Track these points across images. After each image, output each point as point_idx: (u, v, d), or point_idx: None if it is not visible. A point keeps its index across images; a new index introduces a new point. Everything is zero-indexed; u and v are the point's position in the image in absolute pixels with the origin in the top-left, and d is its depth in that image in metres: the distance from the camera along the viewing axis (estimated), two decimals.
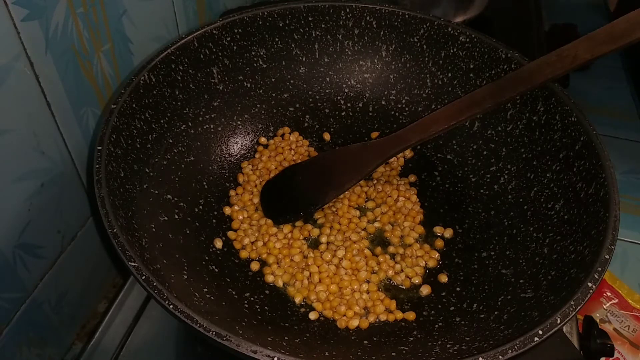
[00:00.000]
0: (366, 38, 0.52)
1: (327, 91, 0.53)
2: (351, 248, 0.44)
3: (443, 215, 0.47)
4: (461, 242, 0.45)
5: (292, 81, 0.52)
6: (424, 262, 0.44)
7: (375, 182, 0.49)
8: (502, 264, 0.41)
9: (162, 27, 0.51)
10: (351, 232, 0.45)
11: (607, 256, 0.33)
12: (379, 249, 0.45)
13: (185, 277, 0.37)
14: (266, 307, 0.39)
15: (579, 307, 0.31)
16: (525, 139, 0.45)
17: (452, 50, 0.49)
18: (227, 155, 0.49)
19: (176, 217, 0.42)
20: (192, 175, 0.45)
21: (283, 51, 0.51)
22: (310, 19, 0.50)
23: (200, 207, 0.45)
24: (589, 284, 0.31)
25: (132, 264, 0.31)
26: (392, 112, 0.52)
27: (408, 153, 0.51)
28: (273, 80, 0.51)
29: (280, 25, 0.50)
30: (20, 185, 0.38)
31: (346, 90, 0.53)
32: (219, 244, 0.43)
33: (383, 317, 0.40)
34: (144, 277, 0.30)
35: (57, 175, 0.42)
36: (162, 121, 0.43)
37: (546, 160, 0.43)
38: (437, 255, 0.44)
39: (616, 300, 0.53)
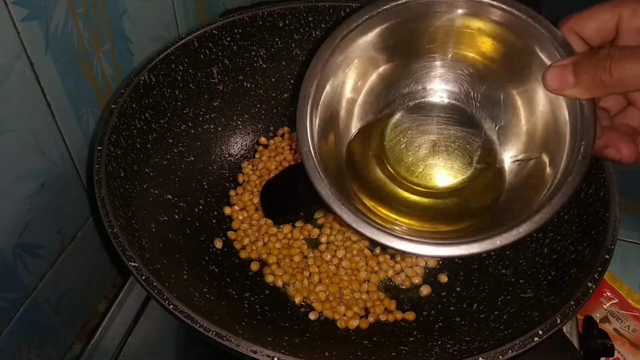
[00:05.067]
0: None
1: None
2: (351, 248, 0.44)
3: None
4: None
5: (292, 81, 0.52)
6: (424, 262, 0.43)
7: None
8: (502, 264, 0.41)
9: (162, 27, 0.51)
10: (351, 232, 0.45)
11: (607, 256, 0.33)
12: (378, 249, 0.44)
13: (185, 277, 0.37)
14: (266, 307, 0.39)
15: (579, 307, 0.31)
16: None
17: None
18: (227, 155, 0.49)
19: (176, 217, 0.42)
20: (192, 175, 0.45)
21: (283, 51, 0.51)
22: (310, 19, 0.50)
23: (200, 207, 0.45)
24: (589, 284, 0.31)
25: (132, 264, 0.31)
26: None
27: None
28: (273, 80, 0.51)
29: (280, 25, 0.49)
30: (20, 185, 0.38)
31: None
32: (219, 244, 0.43)
33: (383, 317, 0.40)
34: (144, 277, 0.30)
35: (57, 175, 0.42)
36: (162, 121, 0.43)
37: None
38: None
39: (616, 300, 0.53)
